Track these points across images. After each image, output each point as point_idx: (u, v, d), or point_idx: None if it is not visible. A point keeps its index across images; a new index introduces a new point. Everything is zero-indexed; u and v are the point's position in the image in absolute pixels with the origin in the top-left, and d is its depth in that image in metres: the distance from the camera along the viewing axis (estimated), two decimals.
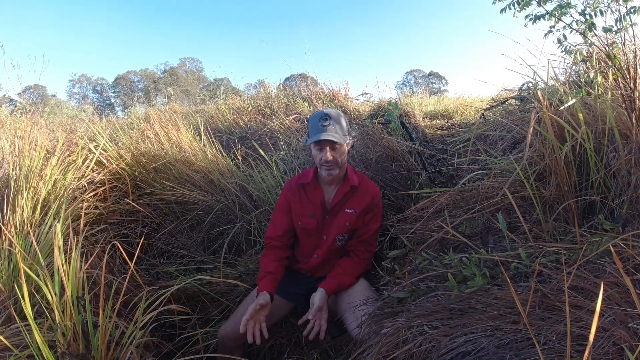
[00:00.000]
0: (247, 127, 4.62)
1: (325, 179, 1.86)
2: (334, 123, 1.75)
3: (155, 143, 3.22)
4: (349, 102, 4.99)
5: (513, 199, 1.56)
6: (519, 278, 1.31)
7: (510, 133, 2.24)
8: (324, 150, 1.74)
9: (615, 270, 1.14)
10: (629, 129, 1.58)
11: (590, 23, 1.70)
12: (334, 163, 1.76)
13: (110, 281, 1.85)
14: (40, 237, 1.78)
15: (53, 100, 10.34)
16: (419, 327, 1.25)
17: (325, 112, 1.77)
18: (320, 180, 1.91)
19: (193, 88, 29.39)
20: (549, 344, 1.01)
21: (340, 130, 1.77)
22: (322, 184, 1.91)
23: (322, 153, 1.75)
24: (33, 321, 1.12)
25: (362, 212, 1.84)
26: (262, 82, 6.85)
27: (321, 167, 1.79)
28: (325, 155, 1.74)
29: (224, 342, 1.82)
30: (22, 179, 2.09)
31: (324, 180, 1.88)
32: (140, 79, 44.43)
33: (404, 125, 2.83)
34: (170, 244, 2.68)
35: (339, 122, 1.78)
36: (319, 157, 1.77)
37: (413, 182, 2.36)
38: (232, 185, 2.79)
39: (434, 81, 44.50)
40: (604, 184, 1.59)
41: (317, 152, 1.77)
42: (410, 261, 1.74)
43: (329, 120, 1.74)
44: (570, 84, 2.18)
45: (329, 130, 1.73)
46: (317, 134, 1.72)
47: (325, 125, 1.73)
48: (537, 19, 1.80)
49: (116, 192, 2.79)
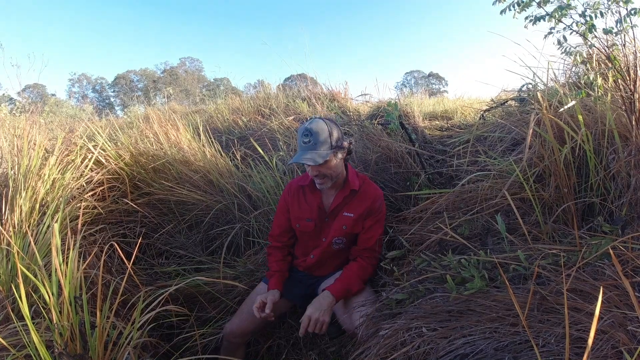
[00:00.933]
0: (246, 127, 4.62)
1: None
2: (315, 139, 1.68)
3: (154, 143, 3.22)
4: (349, 102, 4.99)
5: (512, 200, 1.55)
6: (517, 280, 1.31)
7: (509, 134, 2.24)
8: (308, 167, 1.74)
9: (614, 273, 1.14)
10: (628, 131, 1.58)
11: (591, 25, 1.70)
12: (322, 178, 1.75)
13: (108, 281, 1.84)
14: (38, 236, 1.77)
15: (52, 100, 10.31)
16: (417, 329, 1.25)
17: (306, 128, 1.69)
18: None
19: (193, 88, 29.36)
20: (548, 347, 1.01)
21: (323, 145, 1.69)
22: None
23: (309, 169, 1.75)
24: (30, 321, 1.12)
25: (360, 216, 1.82)
26: (261, 82, 6.85)
27: (314, 179, 1.79)
28: (311, 172, 1.74)
29: (229, 339, 1.84)
30: (21, 178, 2.08)
31: None
32: (139, 78, 44.42)
33: (403, 126, 2.83)
34: (169, 244, 2.68)
35: (321, 136, 1.68)
36: (308, 171, 1.77)
37: (412, 183, 2.36)
38: (231, 186, 2.79)
39: (434, 82, 44.53)
40: (604, 186, 1.59)
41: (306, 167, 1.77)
42: (409, 262, 1.74)
43: (310, 137, 1.67)
44: (570, 86, 2.19)
45: (309, 149, 1.67)
46: (299, 152, 1.71)
47: (306, 142, 1.68)
48: (537, 20, 1.80)
49: (115, 192, 2.79)
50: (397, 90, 16.92)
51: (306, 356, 2.03)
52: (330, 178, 1.76)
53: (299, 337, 2.10)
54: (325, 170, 1.72)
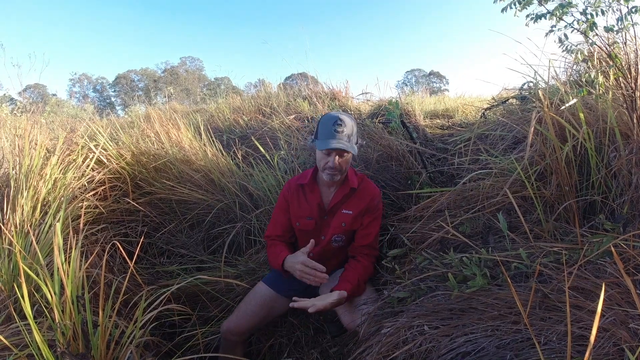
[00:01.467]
0: (247, 126, 4.61)
1: (325, 182, 1.86)
2: (347, 131, 1.71)
3: (156, 142, 3.22)
4: (350, 101, 4.98)
5: (514, 198, 1.55)
6: (519, 278, 1.31)
7: (511, 132, 2.24)
8: (331, 156, 1.72)
9: (616, 271, 1.14)
10: (630, 129, 1.58)
11: (592, 22, 1.69)
12: (338, 170, 1.75)
13: (110, 280, 1.85)
14: (40, 236, 1.78)
15: (53, 99, 10.31)
16: (419, 327, 1.25)
17: (340, 117, 1.71)
18: (319, 182, 1.91)
19: (193, 87, 29.38)
20: (550, 345, 1.01)
21: (352, 137, 1.74)
22: (321, 186, 1.91)
23: (329, 158, 1.73)
24: (33, 321, 1.12)
25: (359, 213, 1.83)
26: (262, 81, 6.85)
27: (324, 170, 1.77)
28: (332, 161, 1.72)
29: (226, 337, 1.84)
30: (22, 178, 2.09)
31: (323, 182, 1.88)
32: (140, 78, 44.46)
33: (404, 124, 2.82)
34: (171, 243, 2.68)
35: (352, 130, 1.75)
36: (324, 161, 1.75)
37: (413, 182, 2.36)
38: (233, 185, 2.79)
39: (435, 80, 44.46)
40: (605, 184, 1.59)
41: (324, 156, 1.75)
42: (410, 260, 1.74)
43: (343, 127, 1.70)
44: (571, 84, 2.18)
45: (342, 138, 1.69)
46: (329, 139, 1.69)
47: (339, 132, 1.69)
48: (538, 18, 1.80)
49: (116, 191, 2.79)
50: (398, 89, 16.86)
51: (308, 355, 2.03)
52: (341, 172, 1.77)
53: (300, 336, 2.11)
54: (344, 163, 1.75)
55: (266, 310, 1.86)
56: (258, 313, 1.84)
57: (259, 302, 1.87)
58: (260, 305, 1.86)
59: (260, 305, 1.86)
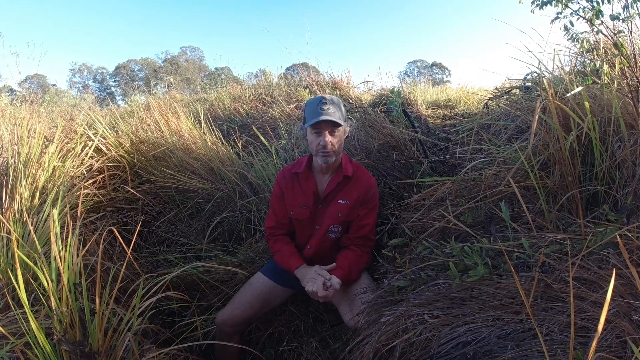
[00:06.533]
0: (247, 115, 4.58)
1: (320, 168, 1.84)
2: (333, 107, 1.71)
3: (155, 131, 3.20)
4: (351, 90, 4.94)
5: (516, 188, 1.53)
6: (521, 268, 1.30)
7: (514, 122, 2.21)
8: (322, 134, 1.70)
9: (619, 262, 1.13)
10: (635, 119, 1.56)
11: (598, 10, 1.67)
12: (331, 150, 1.73)
13: (108, 268, 1.84)
14: (38, 224, 1.77)
15: (53, 90, 10.28)
16: (419, 316, 1.24)
17: (324, 97, 1.73)
18: (314, 170, 1.89)
19: (194, 77, 29.18)
20: (552, 335, 1.00)
21: (339, 112, 1.73)
22: (315, 173, 1.89)
23: (320, 138, 1.71)
24: (29, 308, 1.11)
25: (355, 203, 1.81)
26: (263, 71, 6.80)
27: (317, 153, 1.75)
28: (323, 139, 1.70)
29: (221, 328, 1.83)
30: (21, 167, 2.07)
31: (318, 169, 1.86)
32: (140, 67, 44.16)
33: (406, 113, 2.79)
34: (170, 232, 2.67)
35: (339, 107, 1.75)
36: (316, 142, 1.73)
37: (415, 171, 2.34)
38: (232, 173, 2.78)
39: (437, 72, 44.10)
40: (609, 174, 1.57)
41: (315, 137, 1.73)
42: (411, 250, 1.73)
43: (329, 105, 1.70)
44: (575, 74, 2.15)
45: (329, 113, 1.69)
46: (316, 117, 1.68)
47: (325, 109, 1.69)
48: (544, 4, 1.77)
49: (115, 180, 2.77)
50: (400, 79, 16.76)
51: (307, 343, 2.03)
52: (335, 153, 1.76)
53: (299, 324, 2.11)
54: (336, 142, 1.74)
55: (262, 301, 1.86)
56: (253, 304, 1.84)
57: (254, 293, 1.86)
58: (255, 297, 1.85)
59: (255, 296, 1.85)
